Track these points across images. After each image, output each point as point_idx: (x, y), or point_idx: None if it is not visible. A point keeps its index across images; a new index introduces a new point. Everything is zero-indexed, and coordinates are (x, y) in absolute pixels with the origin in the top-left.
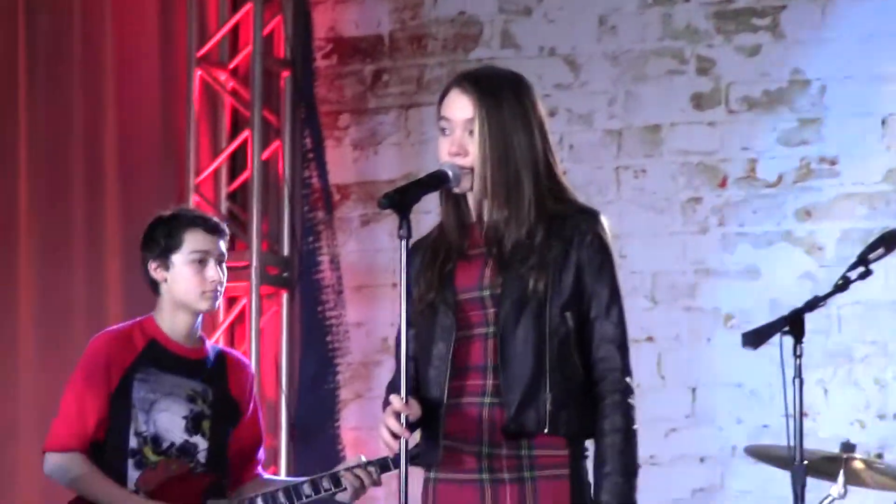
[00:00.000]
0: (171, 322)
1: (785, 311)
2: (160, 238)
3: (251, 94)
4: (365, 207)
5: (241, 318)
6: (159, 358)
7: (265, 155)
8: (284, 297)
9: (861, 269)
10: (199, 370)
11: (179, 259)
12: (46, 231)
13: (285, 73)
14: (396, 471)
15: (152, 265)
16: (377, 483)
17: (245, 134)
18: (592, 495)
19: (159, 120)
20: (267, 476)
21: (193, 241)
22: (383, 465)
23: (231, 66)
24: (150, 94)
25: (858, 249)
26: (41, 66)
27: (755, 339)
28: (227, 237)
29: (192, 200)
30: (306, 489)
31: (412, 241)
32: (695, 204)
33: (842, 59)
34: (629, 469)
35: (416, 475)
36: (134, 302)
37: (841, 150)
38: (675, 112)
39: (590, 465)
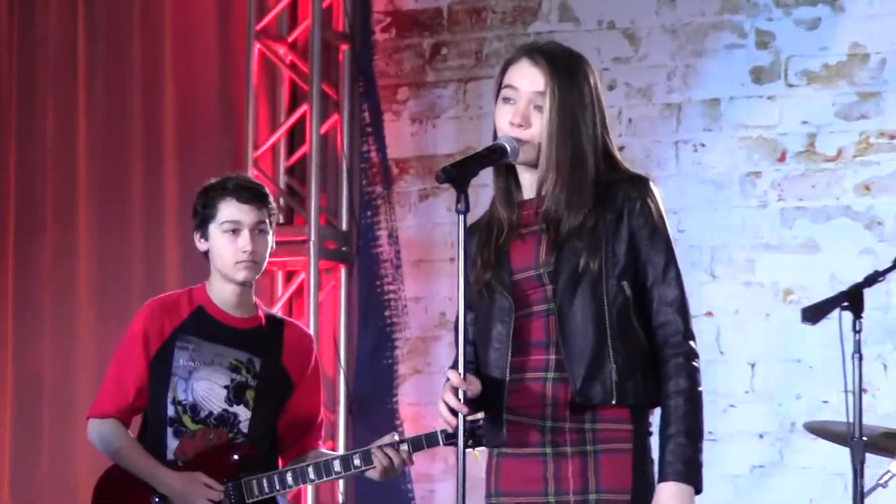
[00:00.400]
0: (219, 291)
1: (844, 287)
2: (199, 208)
3: (310, 67)
4: (423, 182)
5: (300, 292)
6: (203, 326)
7: (324, 129)
8: (342, 271)
9: None
10: (247, 340)
11: (215, 229)
12: (105, 205)
13: (344, 47)
14: (429, 449)
15: (196, 235)
16: (408, 462)
17: (304, 108)
18: (658, 457)
19: (218, 94)
20: (324, 450)
21: (226, 211)
22: (416, 443)
23: (290, 39)
24: (208, 68)
25: None
26: (100, 41)
27: (814, 314)
28: (268, 206)
29: (251, 174)
30: (336, 466)
31: (469, 219)
32: (754, 178)
33: None
34: (693, 432)
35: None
36: (191, 276)
37: None
38: (735, 86)
39: (654, 441)
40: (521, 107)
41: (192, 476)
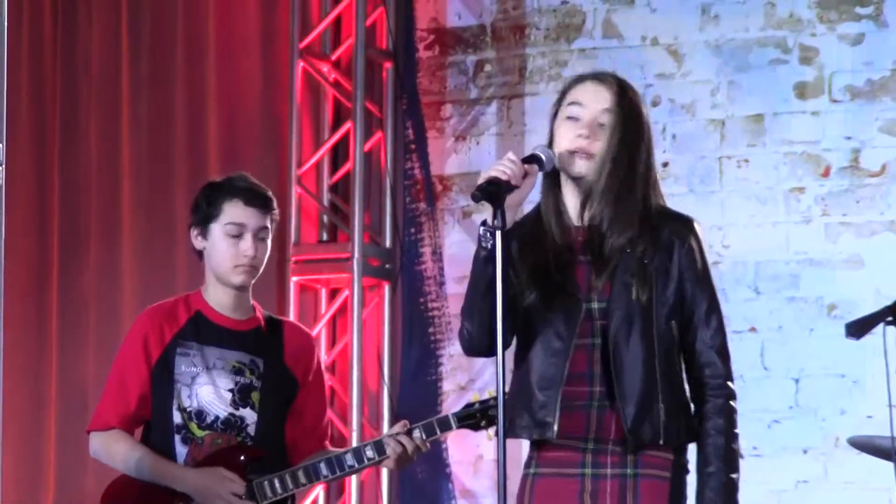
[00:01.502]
0: (216, 294)
1: (888, 301)
2: (203, 204)
3: (353, 85)
4: (466, 198)
5: (343, 309)
6: (202, 331)
7: (367, 146)
8: (386, 288)
9: None
10: (247, 341)
11: (217, 229)
12: (149, 224)
13: (387, 65)
14: (443, 434)
15: (193, 231)
16: (422, 448)
17: (347, 125)
18: (696, 494)
19: (261, 112)
20: (332, 449)
21: (231, 212)
22: (428, 429)
23: (333, 57)
24: (252, 86)
25: None
26: (144, 60)
27: (858, 329)
28: (272, 212)
29: (295, 192)
30: (349, 459)
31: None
32: (798, 193)
33: None
34: (731, 469)
35: (512, 468)
36: None
37: None
38: (779, 101)
39: (689, 477)
40: (588, 120)
41: (213, 471)
